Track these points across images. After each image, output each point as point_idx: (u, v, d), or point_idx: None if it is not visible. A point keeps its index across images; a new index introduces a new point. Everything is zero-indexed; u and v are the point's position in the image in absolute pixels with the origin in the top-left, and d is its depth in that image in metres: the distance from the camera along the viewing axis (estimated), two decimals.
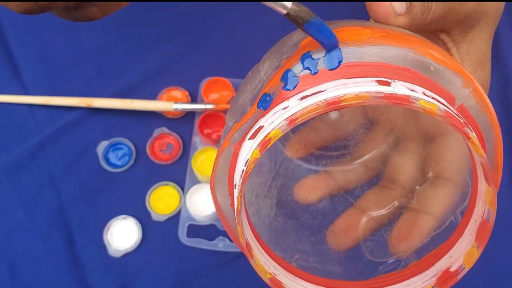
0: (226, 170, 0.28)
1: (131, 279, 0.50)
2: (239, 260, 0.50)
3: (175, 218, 0.52)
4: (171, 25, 0.56)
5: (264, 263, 0.29)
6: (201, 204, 0.50)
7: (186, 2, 0.56)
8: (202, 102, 0.53)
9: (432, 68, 0.26)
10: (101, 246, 0.51)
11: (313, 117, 0.24)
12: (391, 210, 0.35)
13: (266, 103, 0.25)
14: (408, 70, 0.25)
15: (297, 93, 0.25)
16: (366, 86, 0.24)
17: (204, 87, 0.53)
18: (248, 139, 0.26)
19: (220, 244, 0.50)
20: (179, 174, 0.53)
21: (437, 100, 0.25)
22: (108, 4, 0.25)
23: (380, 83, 0.24)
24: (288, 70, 0.25)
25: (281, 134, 0.24)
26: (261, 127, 0.25)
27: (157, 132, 0.54)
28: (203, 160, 0.52)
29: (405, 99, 0.23)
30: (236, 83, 0.53)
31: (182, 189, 0.52)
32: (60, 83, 0.55)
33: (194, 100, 0.55)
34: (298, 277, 0.30)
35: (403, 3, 0.29)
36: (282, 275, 0.30)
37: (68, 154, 0.53)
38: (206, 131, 0.53)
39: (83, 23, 0.56)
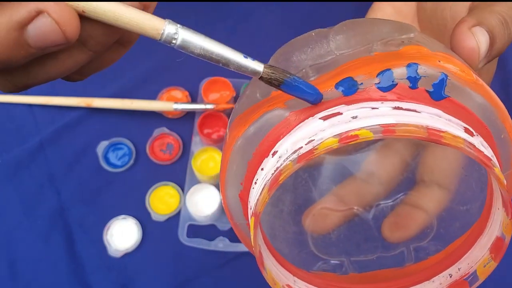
0: (252, 145, 0.25)
1: (131, 279, 0.50)
2: (239, 260, 0.50)
3: (175, 218, 0.51)
4: None
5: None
6: (201, 204, 0.50)
7: (186, 2, 0.56)
8: (202, 102, 0.53)
9: (502, 137, 0.25)
10: (101, 246, 0.51)
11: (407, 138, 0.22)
12: (371, 210, 0.36)
13: (349, 89, 0.24)
14: (486, 128, 0.25)
15: (392, 101, 0.23)
16: (457, 130, 0.23)
17: (204, 87, 0.53)
18: (319, 118, 0.24)
19: (220, 244, 0.50)
20: (179, 174, 0.53)
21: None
22: (87, 71, 0.25)
23: (466, 131, 0.23)
24: (388, 70, 0.24)
25: (373, 136, 0.22)
26: (339, 114, 0.23)
27: (157, 132, 0.54)
28: (203, 160, 0.52)
29: (487, 161, 0.23)
30: (236, 83, 0.53)
31: (182, 189, 0.52)
32: (60, 83, 0.55)
33: (194, 100, 0.55)
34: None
35: (487, 48, 0.28)
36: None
37: (68, 154, 0.53)
38: (206, 131, 0.53)
39: None
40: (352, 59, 0.25)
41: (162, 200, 0.52)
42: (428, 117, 0.23)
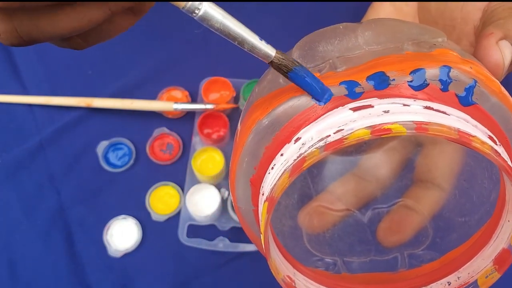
0: (272, 130, 0.25)
1: (131, 279, 0.50)
2: (239, 260, 0.50)
3: (175, 218, 0.51)
4: (171, 25, 0.56)
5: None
6: (201, 204, 0.50)
7: None
8: (202, 102, 0.53)
9: None
10: (101, 246, 0.51)
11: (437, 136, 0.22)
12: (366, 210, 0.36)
13: (381, 83, 0.24)
14: (507, 140, 0.25)
15: (423, 100, 0.23)
16: (483, 136, 0.23)
17: (204, 87, 0.53)
18: (349, 109, 0.23)
19: (220, 244, 0.50)
20: (179, 174, 0.53)
21: None
22: (93, 36, 0.25)
23: (490, 139, 0.24)
24: (421, 69, 0.24)
25: (405, 132, 0.22)
26: (370, 106, 0.23)
27: (157, 132, 0.54)
28: (203, 160, 0.52)
29: (510, 170, 0.23)
30: (236, 83, 0.53)
31: (182, 189, 0.52)
32: (60, 83, 0.55)
33: (194, 100, 0.55)
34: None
35: (510, 61, 0.28)
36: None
37: (68, 154, 0.53)
38: (206, 131, 0.53)
39: None
40: (382, 55, 0.25)
41: (162, 200, 0.52)
42: (457, 120, 0.23)
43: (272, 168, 0.25)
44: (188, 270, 0.50)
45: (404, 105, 0.23)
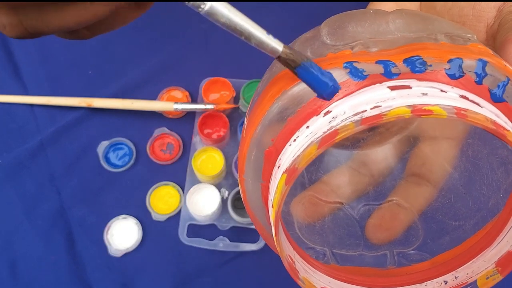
0: (299, 101, 0.24)
1: (132, 279, 0.50)
2: (239, 260, 0.51)
3: (175, 217, 0.52)
4: (171, 25, 0.57)
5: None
6: (201, 204, 0.50)
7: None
8: (202, 102, 0.53)
9: None
10: (102, 246, 0.51)
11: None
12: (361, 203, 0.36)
13: (418, 67, 0.24)
14: None
15: (459, 88, 0.24)
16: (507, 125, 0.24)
17: (204, 87, 0.53)
18: (387, 87, 0.23)
19: (220, 244, 0.50)
20: (179, 174, 0.53)
21: None
22: (97, 28, 0.25)
23: None
24: (459, 58, 0.24)
25: (446, 115, 0.21)
26: (408, 87, 0.23)
27: (157, 132, 0.54)
28: (203, 160, 0.52)
29: None
30: (236, 83, 0.54)
31: (182, 189, 0.52)
32: (60, 83, 0.55)
33: (194, 100, 0.55)
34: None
35: None
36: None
37: (68, 154, 0.53)
38: (206, 131, 0.53)
39: None
40: (417, 42, 0.25)
41: (162, 199, 0.52)
42: (490, 113, 0.23)
43: (295, 140, 0.24)
44: (188, 269, 0.51)
45: (442, 91, 0.23)
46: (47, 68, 0.56)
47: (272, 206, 0.24)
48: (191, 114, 0.54)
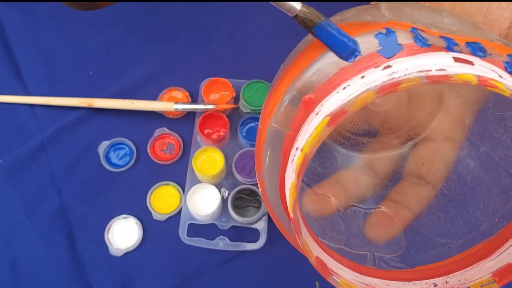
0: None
1: (132, 278, 0.50)
2: (239, 259, 0.51)
3: (175, 217, 0.52)
4: (172, 25, 0.57)
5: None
6: (201, 203, 0.50)
7: (186, 2, 0.56)
8: (202, 102, 0.54)
9: None
10: (102, 245, 0.51)
11: None
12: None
13: (478, 51, 0.24)
14: None
15: None
16: None
17: (204, 87, 0.53)
18: (452, 57, 0.24)
19: (220, 244, 0.50)
20: (179, 174, 0.53)
21: None
22: None
23: None
24: None
25: (509, 93, 0.22)
26: (471, 63, 0.24)
27: (157, 132, 0.54)
28: (204, 160, 0.52)
29: None
30: (236, 83, 0.54)
31: (183, 189, 0.52)
32: (61, 83, 0.55)
33: (194, 100, 0.55)
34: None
35: None
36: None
37: (69, 154, 0.54)
38: (206, 131, 0.53)
39: (83, 23, 0.56)
40: (472, 37, 0.25)
41: (162, 199, 0.52)
42: None
43: (345, 88, 0.25)
44: (188, 269, 0.51)
45: (500, 76, 0.24)
46: (47, 68, 0.56)
47: (302, 150, 0.24)
48: (191, 114, 0.55)
